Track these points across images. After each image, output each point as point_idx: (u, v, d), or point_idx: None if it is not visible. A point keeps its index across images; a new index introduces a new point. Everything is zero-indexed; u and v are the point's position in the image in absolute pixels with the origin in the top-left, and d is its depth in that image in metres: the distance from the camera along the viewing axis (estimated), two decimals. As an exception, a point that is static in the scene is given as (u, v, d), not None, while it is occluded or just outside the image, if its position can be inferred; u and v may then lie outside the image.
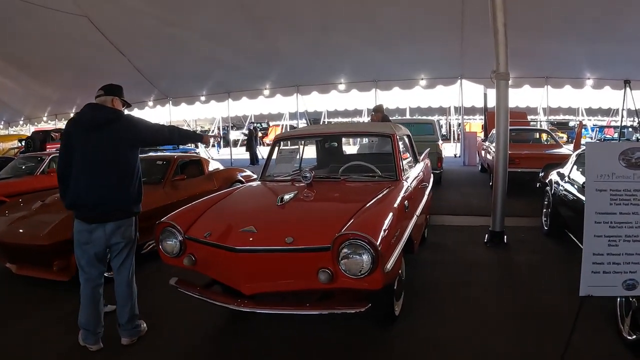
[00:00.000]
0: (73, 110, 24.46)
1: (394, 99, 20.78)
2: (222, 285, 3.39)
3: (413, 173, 4.70)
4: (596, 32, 11.82)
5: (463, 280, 4.50)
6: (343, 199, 3.78)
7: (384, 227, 2.80)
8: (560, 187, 5.57)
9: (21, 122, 28.73)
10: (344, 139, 6.45)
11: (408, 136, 5.42)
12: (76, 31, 13.55)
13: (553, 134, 11.94)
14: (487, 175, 11.52)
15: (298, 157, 5.16)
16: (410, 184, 4.18)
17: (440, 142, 12.29)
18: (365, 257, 2.64)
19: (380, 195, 3.44)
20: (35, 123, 27.55)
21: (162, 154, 8.35)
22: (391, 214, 3.06)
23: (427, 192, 5.18)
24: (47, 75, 18.62)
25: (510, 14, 5.40)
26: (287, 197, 3.37)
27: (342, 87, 17.58)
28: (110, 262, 3.37)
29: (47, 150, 14.09)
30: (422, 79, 16.42)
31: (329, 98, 20.12)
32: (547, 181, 6.39)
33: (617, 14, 11.00)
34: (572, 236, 5.09)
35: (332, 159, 5.32)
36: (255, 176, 7.15)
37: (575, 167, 5.55)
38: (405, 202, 3.52)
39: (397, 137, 4.32)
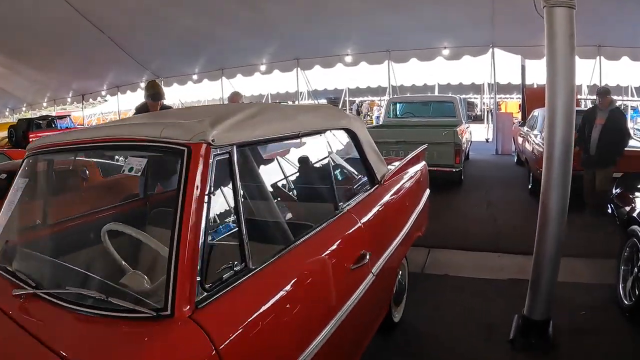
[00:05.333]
0: (70, 95, 23.63)
1: (412, 73, 17.60)
2: None
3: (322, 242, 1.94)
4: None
5: None
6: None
7: None
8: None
9: (24, 109, 28.16)
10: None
11: (347, 131, 2.60)
12: (52, 11, 11.92)
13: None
14: (525, 171, 8.58)
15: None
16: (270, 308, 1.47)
17: (463, 126, 9.44)
18: None
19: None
20: (37, 109, 27.28)
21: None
22: None
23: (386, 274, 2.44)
24: (36, 61, 17.43)
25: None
26: None
27: (348, 59, 14.69)
28: None
29: (30, 140, 12.10)
30: (444, 48, 13.34)
31: (335, 73, 17.28)
32: (628, 211, 3.49)
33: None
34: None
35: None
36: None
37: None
38: None
39: (204, 155, 1.51)
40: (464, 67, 16.90)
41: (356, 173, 2.66)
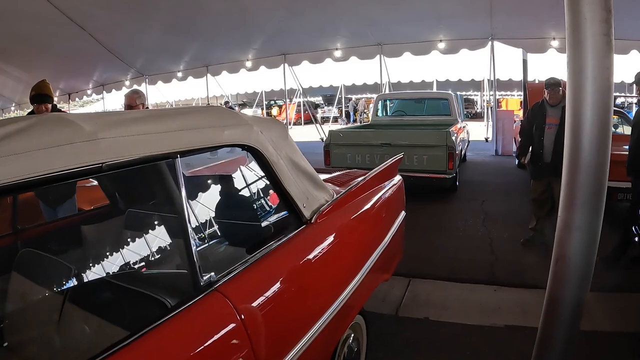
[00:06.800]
0: (57, 95, 23.14)
1: (408, 68, 16.68)
2: None
3: None
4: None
5: None
6: None
7: None
8: None
9: (12, 109, 27.56)
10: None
11: (246, 149, 1.65)
12: (30, 7, 11.03)
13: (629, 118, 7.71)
14: (527, 176, 7.66)
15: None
16: None
17: (459, 125, 8.55)
18: None
19: None
20: (24, 109, 26.86)
21: None
22: None
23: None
24: (19, 59, 16.45)
25: None
26: None
27: (337, 53, 13.78)
28: None
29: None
30: (440, 41, 12.41)
31: (329, 70, 16.41)
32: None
33: None
34: None
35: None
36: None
37: None
38: None
39: None
40: (463, 62, 16.02)
41: (263, 213, 1.76)
